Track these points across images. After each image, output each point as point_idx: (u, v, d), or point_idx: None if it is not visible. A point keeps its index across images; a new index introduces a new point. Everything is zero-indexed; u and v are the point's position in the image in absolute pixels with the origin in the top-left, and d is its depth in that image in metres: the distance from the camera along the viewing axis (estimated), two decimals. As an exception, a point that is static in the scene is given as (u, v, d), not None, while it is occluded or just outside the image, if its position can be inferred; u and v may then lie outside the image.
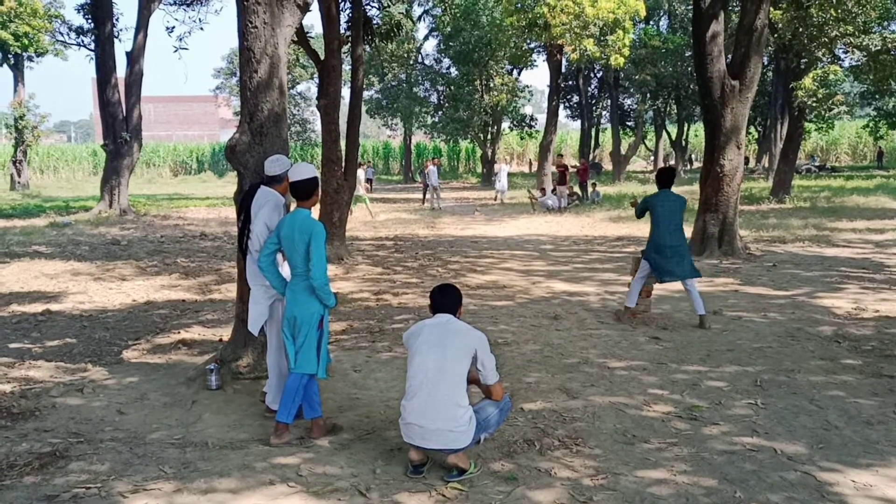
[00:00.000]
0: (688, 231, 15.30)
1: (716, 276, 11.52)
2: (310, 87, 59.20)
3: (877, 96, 44.99)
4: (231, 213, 23.06)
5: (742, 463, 4.51)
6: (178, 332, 8.25)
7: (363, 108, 53.81)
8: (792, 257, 13.42)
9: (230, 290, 10.38)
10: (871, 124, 50.52)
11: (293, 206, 5.33)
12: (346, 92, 16.88)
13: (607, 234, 18.00)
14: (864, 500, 4.02)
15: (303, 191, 5.05)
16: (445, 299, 4.61)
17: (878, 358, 6.77)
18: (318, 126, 54.11)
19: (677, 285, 10.42)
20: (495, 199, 29.60)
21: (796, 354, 6.92)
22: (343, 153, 13.78)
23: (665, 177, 8.34)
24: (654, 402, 5.67)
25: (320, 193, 9.90)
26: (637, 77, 41.01)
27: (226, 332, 7.78)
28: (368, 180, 42.77)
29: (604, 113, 52.71)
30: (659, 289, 10.08)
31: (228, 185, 47.70)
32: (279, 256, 5.30)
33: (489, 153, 45.83)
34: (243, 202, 5.65)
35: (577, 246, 15.90)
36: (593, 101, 51.12)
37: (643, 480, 4.30)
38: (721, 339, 7.56)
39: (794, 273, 11.63)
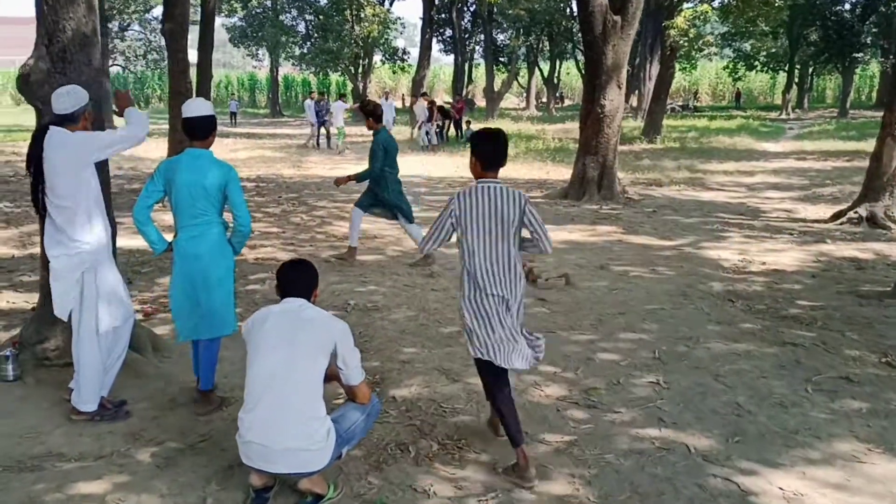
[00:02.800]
0: (566, 174, 14.81)
1: (597, 223, 10.97)
2: (167, 11, 54.95)
3: (736, 38, 46.28)
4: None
5: (653, 467, 3.82)
6: (-20, 300, 6.83)
7: (227, 37, 50.62)
8: (670, 202, 13.11)
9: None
10: (730, 66, 52.22)
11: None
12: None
13: (483, 175, 17.24)
14: (798, 516, 3.41)
15: (202, 129, 4.40)
16: (297, 279, 3.61)
17: (775, 320, 6.30)
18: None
19: (559, 235, 9.79)
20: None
21: (692, 318, 6.35)
22: (193, 85, 12.25)
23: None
24: (545, 384, 4.93)
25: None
26: (511, 11, 40.17)
27: (38, 302, 6.44)
28: (233, 114, 40.44)
29: (477, 48, 51.84)
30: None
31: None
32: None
33: (360, 87, 44.11)
34: (32, 148, 4.34)
35: (452, 189, 15.06)
36: (467, 36, 50.03)
37: (542, 499, 3.53)
38: (611, 300, 6.92)
39: (675, 219, 11.26)
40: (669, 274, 7.90)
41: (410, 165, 19.43)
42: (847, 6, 45.85)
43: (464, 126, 26.71)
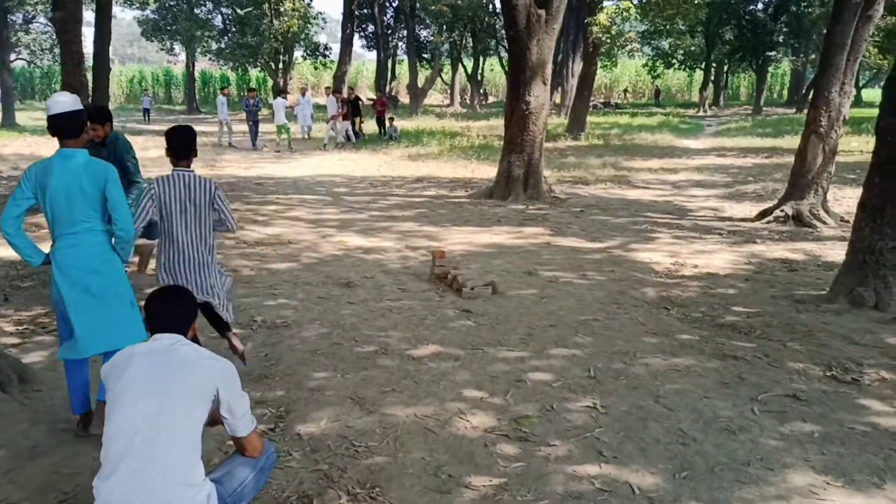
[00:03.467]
0: (491, 172, 14.39)
1: (524, 224, 10.56)
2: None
3: (655, 36, 46.90)
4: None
5: (594, 515, 3.35)
6: None
7: (139, 29, 48.55)
8: (597, 201, 12.82)
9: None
10: (649, 63, 53.02)
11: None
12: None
13: (406, 174, 16.72)
14: (761, 574, 2.98)
15: (71, 127, 3.92)
16: (170, 311, 2.97)
17: (713, 329, 5.96)
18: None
19: (484, 238, 9.36)
20: (307, 136, 26.25)
21: (627, 329, 5.94)
22: (89, 79, 11.33)
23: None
24: (471, 412, 4.41)
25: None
26: (433, 7, 39.66)
27: None
28: (146, 110, 38.80)
29: (400, 44, 51.21)
30: (470, 244, 9.01)
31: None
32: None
33: (281, 83, 42.93)
34: None
35: (374, 189, 14.48)
36: (389, 31, 49.40)
37: (468, 563, 3.01)
38: (541, 310, 6.46)
39: (603, 220, 10.94)
40: (600, 279, 7.51)
41: (330, 164, 18.74)
42: (760, 6, 47.03)
43: (387, 123, 26.07)
